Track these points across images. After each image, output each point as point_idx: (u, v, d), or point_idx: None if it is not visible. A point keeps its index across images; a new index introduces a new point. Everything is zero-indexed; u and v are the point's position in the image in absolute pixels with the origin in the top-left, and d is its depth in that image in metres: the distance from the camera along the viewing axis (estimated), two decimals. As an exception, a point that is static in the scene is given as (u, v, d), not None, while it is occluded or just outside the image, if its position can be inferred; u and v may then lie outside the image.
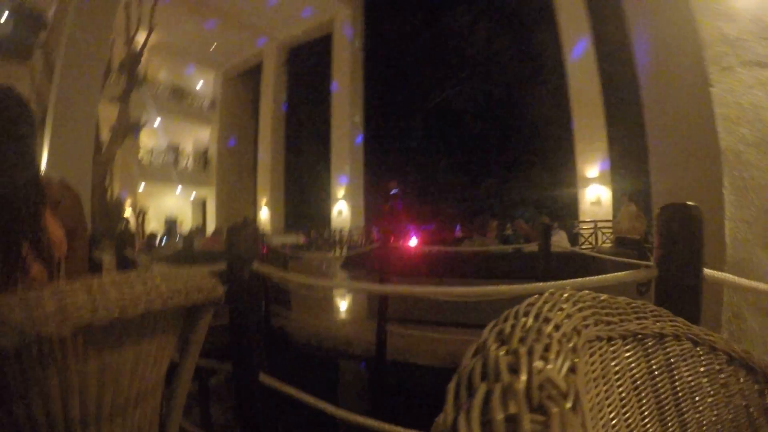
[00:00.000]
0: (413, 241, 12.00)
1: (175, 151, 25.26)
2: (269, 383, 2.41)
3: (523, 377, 0.28)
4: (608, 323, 0.57)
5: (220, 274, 1.49)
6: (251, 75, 26.08)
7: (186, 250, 7.12)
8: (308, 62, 24.57)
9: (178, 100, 24.26)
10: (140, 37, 13.46)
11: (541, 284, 1.84)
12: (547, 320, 0.41)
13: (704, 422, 0.68)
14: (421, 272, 5.85)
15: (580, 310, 0.51)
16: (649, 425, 0.60)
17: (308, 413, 2.33)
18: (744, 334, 2.53)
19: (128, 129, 12.78)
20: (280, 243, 12.66)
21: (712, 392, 0.70)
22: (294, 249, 12.13)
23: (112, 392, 0.84)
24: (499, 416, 0.24)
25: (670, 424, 0.64)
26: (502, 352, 0.32)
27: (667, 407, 0.64)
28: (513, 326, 0.37)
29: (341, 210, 20.58)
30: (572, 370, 0.32)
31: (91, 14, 5.30)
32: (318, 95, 23.30)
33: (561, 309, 0.46)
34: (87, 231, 1.56)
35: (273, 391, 2.40)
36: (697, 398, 0.67)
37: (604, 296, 0.59)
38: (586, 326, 0.52)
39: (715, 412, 0.69)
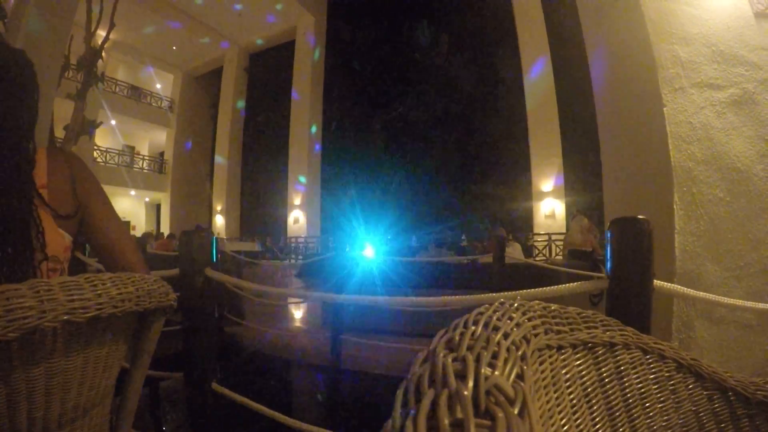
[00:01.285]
0: (369, 251, 11.99)
1: (130, 152, 24.70)
2: (222, 392, 2.37)
3: (470, 383, 0.28)
4: (558, 332, 0.58)
5: (172, 280, 1.46)
6: (211, 78, 25.73)
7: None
8: (269, 68, 24.38)
9: (136, 100, 23.72)
10: (100, 34, 13.04)
11: (493, 294, 1.86)
12: (496, 329, 0.41)
13: (655, 427, 0.69)
14: (377, 282, 5.85)
15: (529, 319, 0.53)
16: (600, 431, 0.62)
17: (261, 423, 2.30)
18: (694, 342, 2.61)
19: (83, 127, 12.33)
20: (235, 250, 12.46)
21: (662, 398, 0.71)
22: (249, 256, 11.97)
23: (60, 400, 0.82)
24: (446, 421, 0.25)
25: (621, 429, 0.65)
26: (450, 359, 0.32)
27: (618, 413, 0.65)
28: (462, 334, 0.38)
29: (298, 218, 20.42)
30: (520, 376, 0.33)
31: (52, 7, 5.13)
32: (278, 102, 23.12)
33: (510, 318, 0.47)
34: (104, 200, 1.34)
35: (225, 400, 2.36)
36: (647, 404, 0.69)
37: (554, 306, 0.60)
38: (536, 335, 0.53)
39: (666, 418, 0.71)
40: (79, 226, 1.25)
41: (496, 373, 0.32)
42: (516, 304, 0.52)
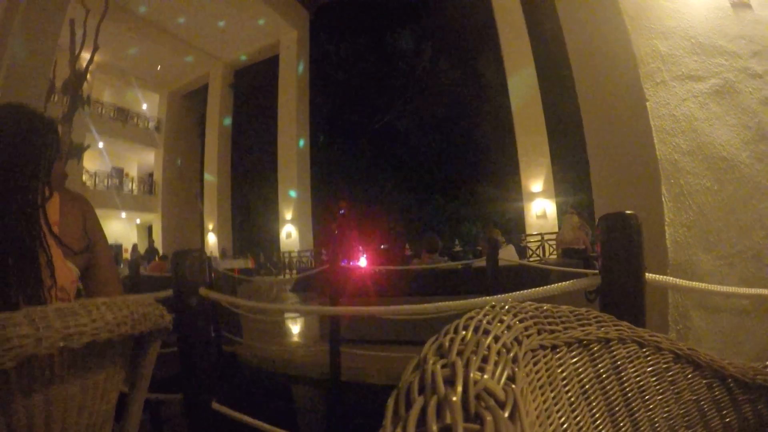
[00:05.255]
0: (362, 261, 11.96)
1: (119, 174, 24.57)
2: (222, 411, 2.36)
3: (459, 388, 0.29)
4: (552, 332, 0.58)
5: (167, 301, 1.47)
6: (197, 96, 25.66)
7: (131, 276, 6.89)
8: (254, 84, 24.37)
9: (123, 122, 23.58)
10: (85, 56, 12.97)
11: (486, 298, 1.86)
12: (486, 332, 0.42)
13: (656, 419, 0.69)
14: (372, 292, 5.83)
15: (521, 320, 0.53)
16: (601, 427, 0.62)
17: (263, 439, 2.28)
18: (690, 332, 2.60)
19: (71, 151, 12.28)
20: (228, 267, 12.41)
21: (661, 390, 0.71)
22: (243, 273, 11.91)
23: (60, 428, 0.81)
24: (434, 427, 0.25)
25: (621, 424, 0.65)
26: (439, 366, 0.32)
27: (617, 408, 0.65)
28: (452, 340, 0.38)
29: (290, 232, 20.36)
30: (511, 379, 0.34)
31: (35, 31, 5.09)
32: (265, 117, 23.10)
33: (501, 321, 0.47)
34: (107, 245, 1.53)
35: (227, 419, 2.34)
36: (646, 397, 0.69)
37: (546, 306, 0.60)
38: (528, 336, 0.53)
39: (666, 409, 0.71)
40: (87, 261, 1.40)
41: (486, 376, 0.32)
42: (507, 306, 0.52)
